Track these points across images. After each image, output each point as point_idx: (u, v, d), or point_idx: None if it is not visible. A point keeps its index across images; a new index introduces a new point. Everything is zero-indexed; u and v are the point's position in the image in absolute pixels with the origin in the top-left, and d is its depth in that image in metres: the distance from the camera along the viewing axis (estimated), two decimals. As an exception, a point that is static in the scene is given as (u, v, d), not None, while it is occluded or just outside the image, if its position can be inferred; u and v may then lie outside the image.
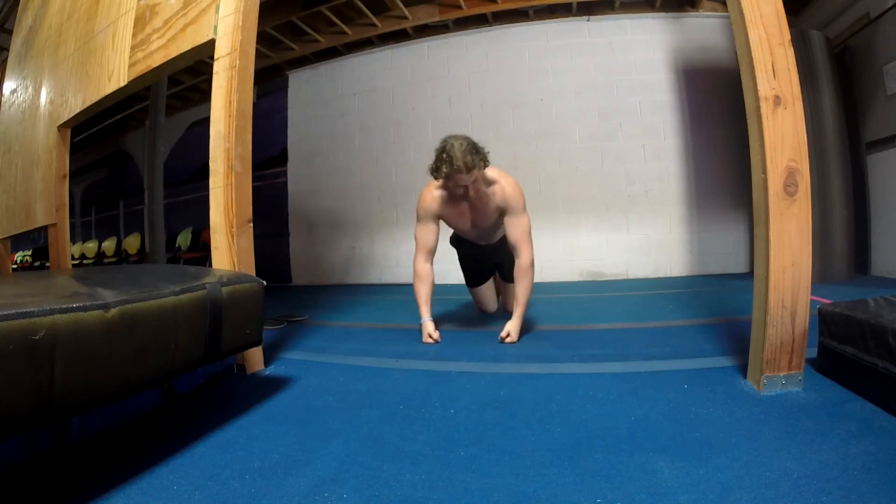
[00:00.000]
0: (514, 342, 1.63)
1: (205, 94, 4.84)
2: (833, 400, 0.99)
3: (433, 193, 1.73)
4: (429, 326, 1.73)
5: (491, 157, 1.65)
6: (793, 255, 1.03)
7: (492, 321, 2.14)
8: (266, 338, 1.37)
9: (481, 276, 2.22)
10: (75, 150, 2.97)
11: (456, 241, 2.13)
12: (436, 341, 1.70)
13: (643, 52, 3.75)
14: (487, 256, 2.12)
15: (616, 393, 1.11)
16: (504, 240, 1.95)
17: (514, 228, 1.69)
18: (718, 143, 3.64)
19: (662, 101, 3.72)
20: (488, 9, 3.78)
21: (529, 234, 1.71)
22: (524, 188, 1.78)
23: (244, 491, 0.74)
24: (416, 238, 1.79)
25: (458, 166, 1.52)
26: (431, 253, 1.79)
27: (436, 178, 1.64)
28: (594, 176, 3.77)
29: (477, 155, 1.56)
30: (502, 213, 1.73)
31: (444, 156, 1.55)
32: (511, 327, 1.66)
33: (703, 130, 3.68)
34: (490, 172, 1.69)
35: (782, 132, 1.03)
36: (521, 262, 1.68)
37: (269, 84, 4.77)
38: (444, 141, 1.59)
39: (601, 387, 1.16)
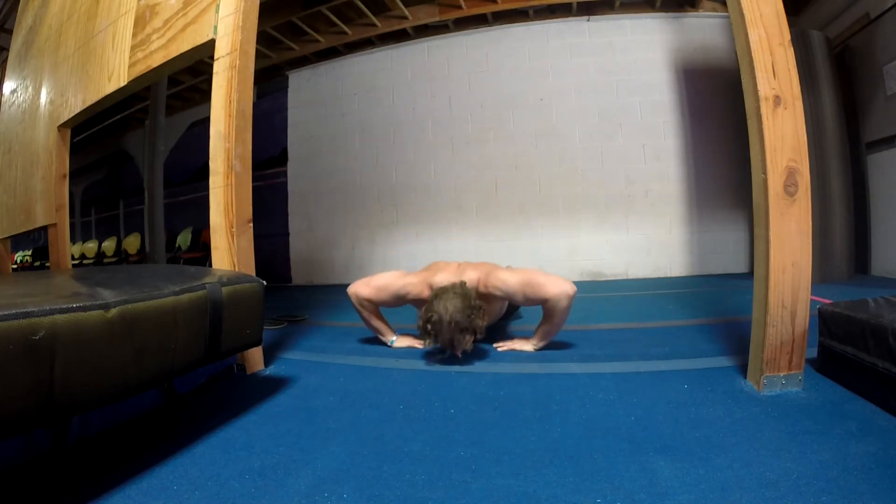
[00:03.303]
0: (520, 350, 1.53)
1: (205, 94, 4.84)
2: (833, 400, 0.99)
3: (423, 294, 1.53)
4: (409, 338, 1.67)
5: (491, 158, 1.58)
6: (793, 255, 1.03)
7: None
8: (266, 338, 1.37)
9: None
10: (75, 150, 2.97)
11: None
12: (425, 346, 1.61)
13: (643, 52, 3.75)
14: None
15: (616, 393, 1.11)
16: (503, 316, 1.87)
17: (529, 291, 1.43)
18: (718, 143, 3.64)
19: (662, 101, 3.72)
20: (488, 9, 3.78)
21: (541, 276, 1.42)
22: (524, 189, 1.74)
23: (244, 491, 0.74)
24: (377, 286, 1.59)
25: (444, 342, 1.38)
26: (378, 306, 1.64)
27: (421, 338, 1.47)
28: (594, 176, 3.77)
29: (466, 332, 1.36)
30: (505, 301, 1.58)
31: (430, 328, 1.37)
32: (516, 344, 1.54)
33: (703, 130, 3.68)
34: (470, 275, 1.51)
35: (782, 132, 1.03)
36: (561, 305, 1.40)
37: (269, 84, 4.77)
38: (434, 304, 1.38)
39: (601, 387, 1.16)
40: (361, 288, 1.61)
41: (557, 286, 1.39)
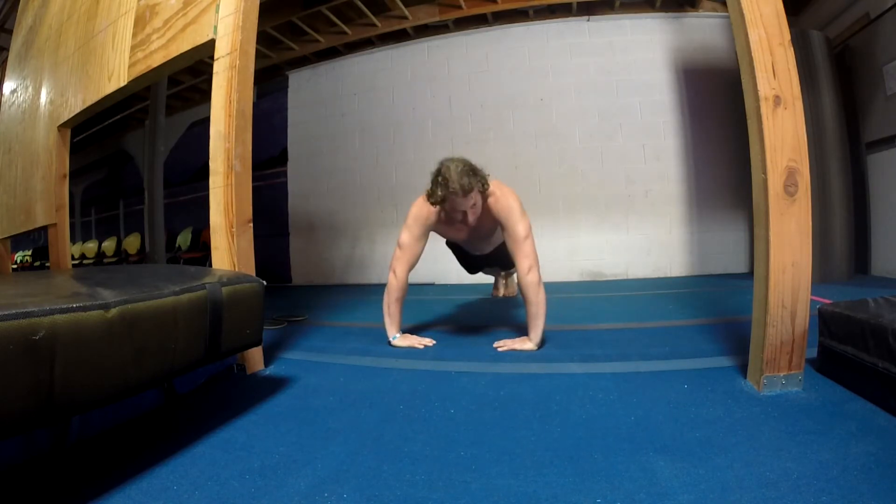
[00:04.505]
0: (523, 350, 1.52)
1: (205, 94, 4.83)
2: (833, 400, 0.99)
3: (430, 206, 1.59)
4: (410, 338, 1.66)
5: (491, 157, 1.60)
6: (793, 255, 1.03)
7: (492, 322, 2.14)
8: (266, 338, 1.37)
9: (476, 268, 2.26)
10: (75, 150, 2.97)
11: (449, 242, 2.10)
12: (426, 346, 1.63)
13: (643, 52, 3.75)
14: (482, 260, 2.13)
15: (616, 393, 1.11)
16: (498, 248, 1.91)
17: (512, 245, 1.56)
18: (718, 143, 3.64)
19: (662, 101, 3.72)
20: (488, 9, 3.78)
21: (531, 248, 1.53)
22: (524, 189, 1.76)
23: (244, 491, 0.74)
24: (400, 244, 1.64)
25: (454, 189, 1.41)
26: (413, 265, 1.66)
27: (433, 204, 1.53)
28: (594, 176, 3.77)
29: (474, 177, 1.45)
30: (499, 225, 1.63)
31: (440, 178, 1.45)
32: (516, 344, 1.54)
33: (703, 130, 3.68)
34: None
35: (782, 132, 1.03)
36: (527, 279, 1.49)
37: (269, 84, 4.77)
38: (441, 163, 1.50)
39: (601, 387, 1.16)
40: (397, 263, 1.64)
41: (526, 262, 1.49)
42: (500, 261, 2.09)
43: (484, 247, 1.94)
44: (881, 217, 2.98)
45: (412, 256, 1.66)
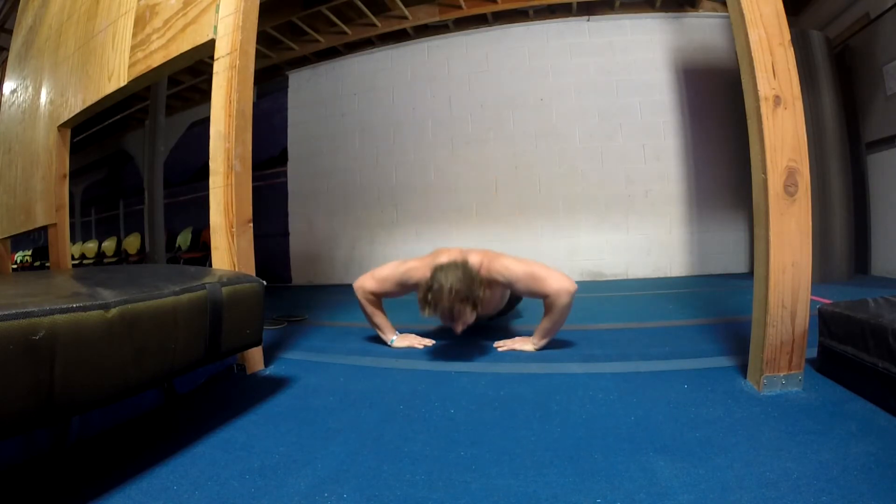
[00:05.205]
0: (520, 350, 1.53)
1: (205, 94, 4.84)
2: (833, 400, 1.00)
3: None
4: (409, 338, 1.66)
5: (491, 157, 1.56)
6: (793, 255, 1.03)
7: (492, 322, 2.13)
8: (266, 338, 1.37)
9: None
10: (75, 150, 2.97)
11: None
12: (426, 346, 1.63)
13: (643, 52, 3.75)
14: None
15: (616, 393, 1.11)
16: (497, 313, 1.85)
17: (535, 284, 1.44)
18: (718, 143, 3.64)
19: (662, 101, 3.72)
20: (488, 9, 3.78)
21: (553, 271, 1.43)
22: (524, 189, 1.73)
23: (244, 491, 0.74)
24: (377, 276, 1.62)
25: (444, 311, 1.35)
26: (384, 297, 1.65)
27: (421, 311, 1.42)
28: (594, 176, 3.77)
29: (466, 301, 1.35)
30: (504, 288, 1.55)
31: (430, 297, 1.35)
32: (516, 344, 1.54)
33: (703, 130, 3.68)
34: (473, 258, 1.48)
35: (782, 132, 1.03)
36: (561, 301, 1.40)
37: (269, 84, 4.77)
38: (434, 274, 1.38)
39: (601, 387, 1.16)
40: (366, 281, 1.64)
41: (558, 282, 1.41)
42: (499, 314, 2.03)
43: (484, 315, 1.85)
44: (881, 217, 2.98)
45: (383, 293, 1.63)
